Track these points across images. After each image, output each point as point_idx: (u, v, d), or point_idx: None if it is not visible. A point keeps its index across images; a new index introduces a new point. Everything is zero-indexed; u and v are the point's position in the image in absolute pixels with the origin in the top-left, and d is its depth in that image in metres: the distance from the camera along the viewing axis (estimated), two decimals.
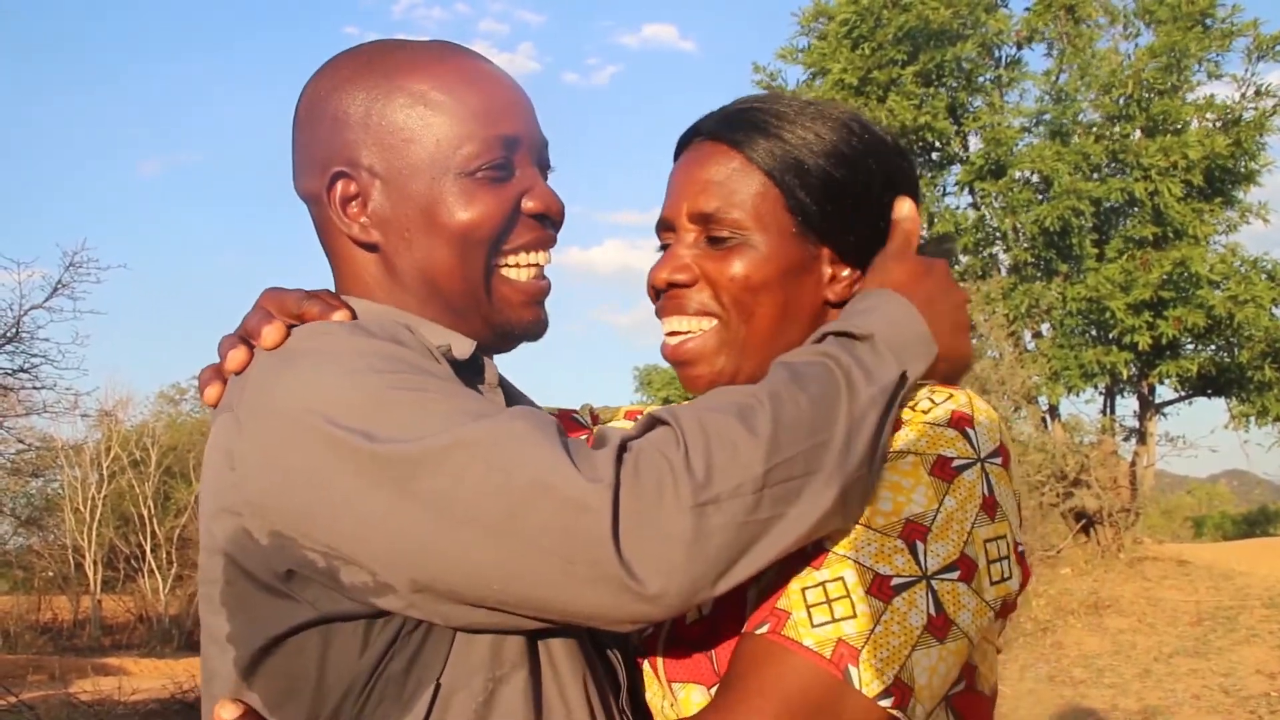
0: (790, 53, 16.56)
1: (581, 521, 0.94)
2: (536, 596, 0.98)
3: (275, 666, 1.07)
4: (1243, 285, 13.91)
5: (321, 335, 1.10)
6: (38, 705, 11.11)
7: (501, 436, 0.98)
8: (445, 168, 1.21)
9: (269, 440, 1.04)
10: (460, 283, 1.23)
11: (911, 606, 1.08)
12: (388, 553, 1.00)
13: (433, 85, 1.22)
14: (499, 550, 0.97)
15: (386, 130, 1.22)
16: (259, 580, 1.06)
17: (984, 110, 15.81)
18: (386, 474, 0.98)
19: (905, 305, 1.18)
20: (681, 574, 0.95)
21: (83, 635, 23.38)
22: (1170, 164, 13.99)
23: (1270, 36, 14.80)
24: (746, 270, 1.27)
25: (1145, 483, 15.56)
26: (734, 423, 1.00)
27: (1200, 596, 12.34)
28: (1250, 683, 9.32)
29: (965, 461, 1.14)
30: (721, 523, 0.96)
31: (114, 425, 24.96)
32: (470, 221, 1.21)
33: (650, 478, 0.96)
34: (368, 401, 1.02)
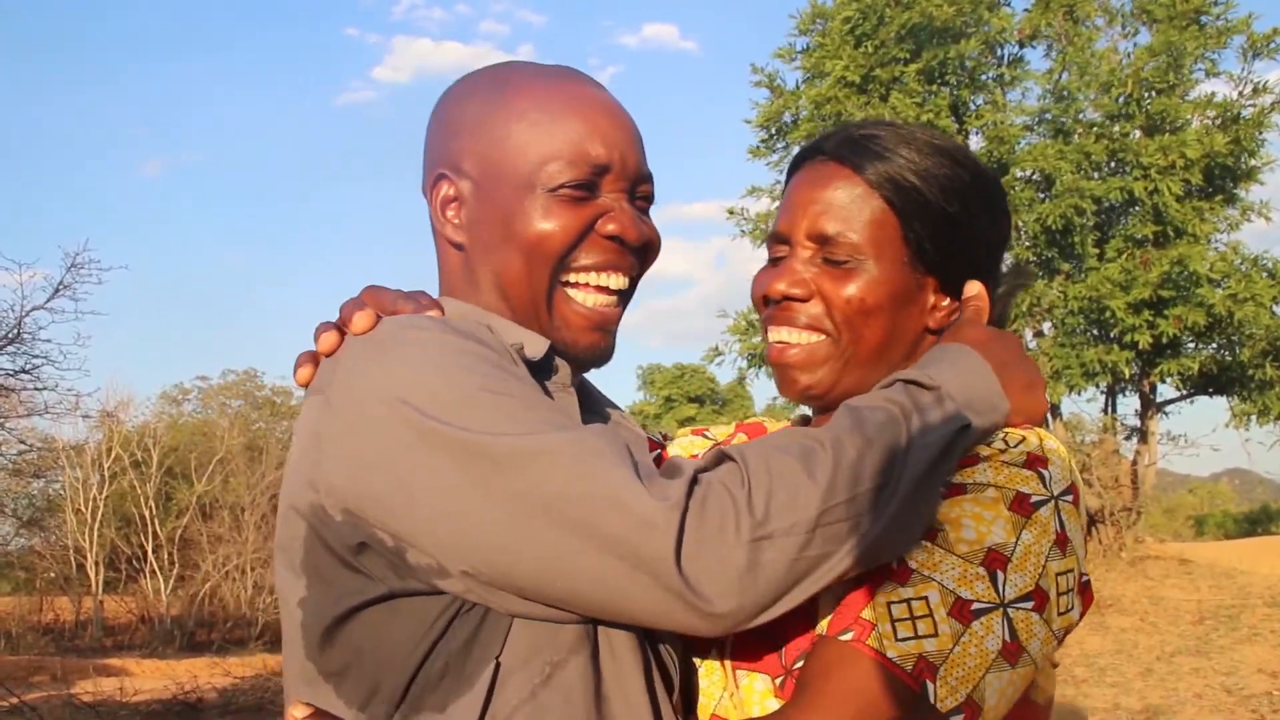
0: (788, 53, 16.55)
1: (648, 536, 1.02)
2: (594, 599, 1.07)
3: (344, 637, 1.14)
4: (1243, 283, 13.90)
5: (412, 328, 1.16)
6: (40, 706, 11.11)
7: (583, 449, 1.06)
8: (531, 182, 1.28)
9: (354, 423, 1.11)
10: (526, 292, 1.29)
11: (989, 631, 1.14)
12: (453, 543, 1.07)
13: (536, 104, 1.30)
14: (569, 552, 1.04)
15: (487, 141, 1.31)
16: (335, 553, 1.13)
17: (986, 108, 15.80)
18: (471, 463, 1.05)
19: (978, 361, 1.24)
20: (735, 597, 1.03)
21: (84, 636, 23.36)
22: (1169, 163, 13.98)
23: (1264, 34, 14.79)
24: (861, 293, 1.34)
25: (1147, 481, 15.55)
26: (796, 466, 1.07)
27: (1202, 595, 12.34)
28: (1252, 681, 9.32)
29: (1041, 499, 1.21)
30: (773, 557, 1.04)
31: (115, 426, 24.94)
32: (541, 233, 1.27)
33: (715, 509, 1.04)
34: (454, 395, 1.09)
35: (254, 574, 22.97)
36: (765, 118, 16.61)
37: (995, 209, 1.41)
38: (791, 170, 1.45)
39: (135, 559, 24.49)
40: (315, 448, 1.14)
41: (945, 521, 1.19)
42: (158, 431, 26.46)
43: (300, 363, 1.23)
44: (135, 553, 24.41)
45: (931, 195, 1.34)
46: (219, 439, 25.73)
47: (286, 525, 1.18)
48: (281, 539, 1.20)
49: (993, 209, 1.41)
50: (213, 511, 24.50)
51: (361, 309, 1.19)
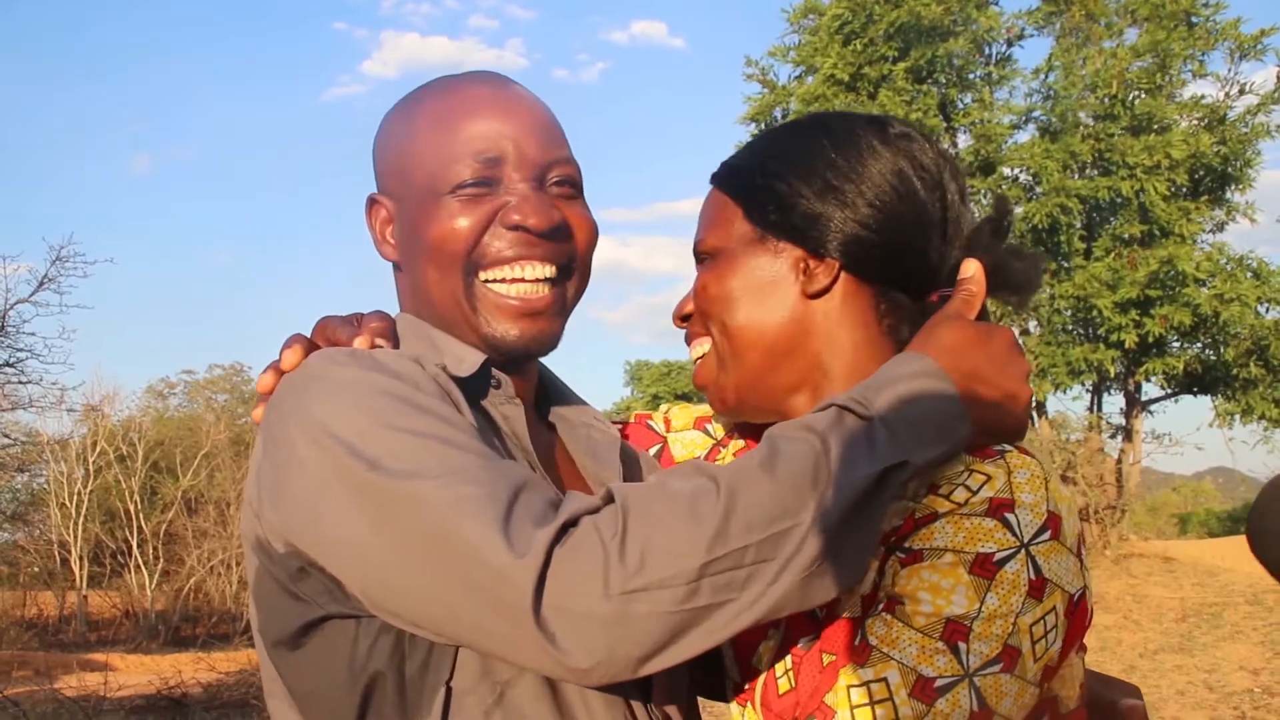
0: (781, 51, 16.57)
1: (505, 592, 0.99)
2: (481, 645, 1.06)
3: (299, 662, 1.16)
4: (1228, 283, 13.98)
5: (331, 363, 1.16)
6: (23, 701, 11.06)
7: (450, 498, 1.03)
8: (434, 189, 1.27)
9: (279, 459, 1.12)
10: (444, 297, 1.28)
11: (955, 707, 1.08)
12: (355, 574, 1.08)
13: (433, 113, 1.30)
14: (438, 600, 1.04)
15: (398, 158, 1.32)
16: (279, 581, 1.14)
17: (974, 107, 15.84)
18: (364, 499, 1.05)
19: (937, 377, 1.14)
20: (605, 653, 0.99)
21: (68, 631, 23.27)
22: (1155, 163, 14.04)
23: (1251, 36, 14.87)
24: (704, 281, 1.34)
25: (1131, 480, 15.63)
26: (682, 508, 1.02)
27: (1185, 593, 12.41)
28: (1234, 679, 9.38)
29: (1006, 554, 1.11)
30: (646, 611, 0.98)
31: (100, 420, 24.86)
32: (439, 236, 1.26)
33: (582, 560, 0.99)
34: (359, 431, 1.08)
35: (239, 569, 22.89)
36: (756, 112, 16.62)
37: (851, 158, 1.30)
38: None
39: (120, 553, 24.41)
40: (256, 484, 1.16)
41: (904, 594, 1.12)
42: (143, 426, 26.38)
43: (256, 402, 1.25)
44: (120, 547, 24.34)
45: (767, 166, 1.32)
46: (204, 433, 25.66)
47: (247, 557, 1.22)
48: (246, 569, 1.24)
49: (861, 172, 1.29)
50: (198, 506, 24.44)
51: (290, 346, 1.22)
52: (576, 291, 1.35)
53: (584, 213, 1.34)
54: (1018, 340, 1.23)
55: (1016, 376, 1.19)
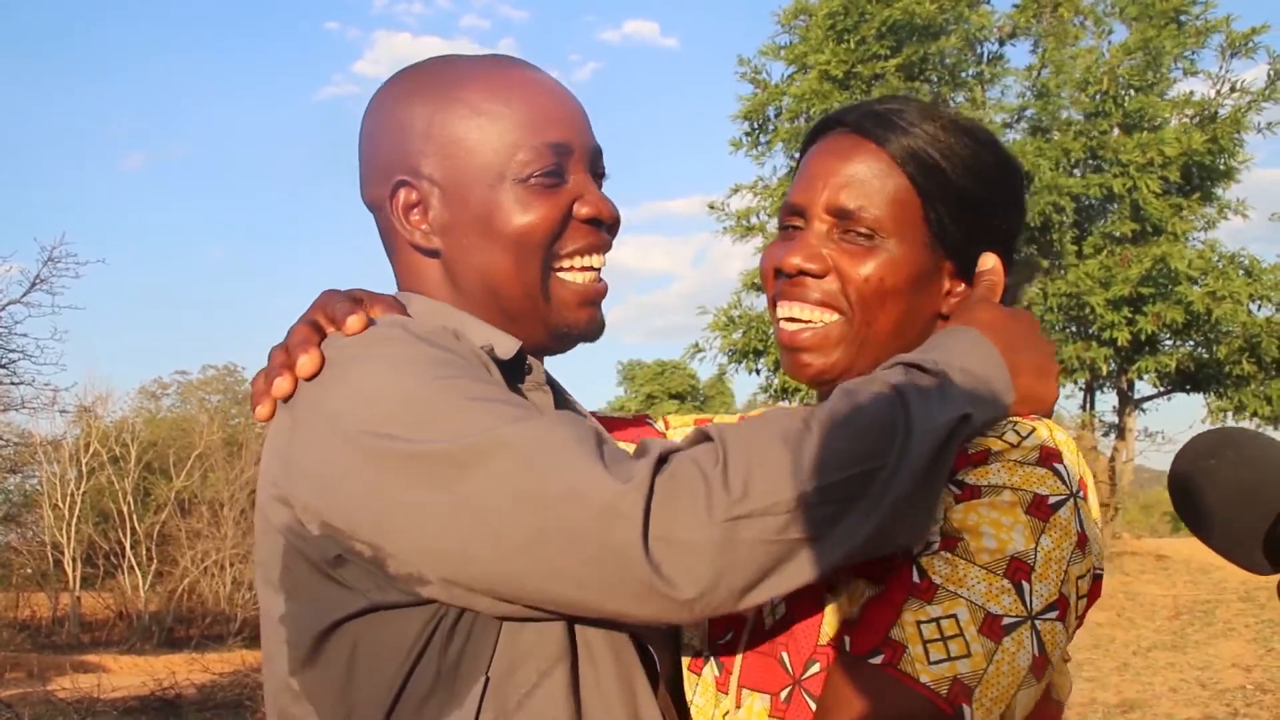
0: (773, 49, 16.57)
1: (612, 526, 0.97)
2: (569, 596, 1.02)
3: (331, 652, 1.12)
4: (1220, 281, 14.01)
5: (374, 342, 1.14)
6: (16, 703, 11.04)
7: (539, 441, 1.02)
8: (501, 175, 1.25)
9: (321, 441, 1.09)
10: (518, 287, 1.27)
11: (1020, 647, 1.10)
12: (425, 549, 1.04)
13: (487, 96, 1.27)
14: (532, 552, 1.00)
15: (445, 140, 1.27)
16: (315, 567, 1.11)
17: (966, 105, 15.85)
18: (427, 473, 1.03)
19: (986, 346, 1.19)
20: (710, 582, 0.98)
21: (62, 632, 23.20)
22: (1147, 160, 14.07)
23: (1242, 34, 14.90)
24: (881, 273, 1.28)
25: (1124, 478, 15.67)
26: (777, 444, 1.03)
27: (1178, 591, 12.44)
28: (1226, 676, 9.40)
29: (1059, 499, 1.15)
30: (750, 537, 0.99)
31: (93, 421, 24.79)
32: (526, 227, 1.25)
33: (685, 488, 0.99)
34: (413, 407, 1.06)
35: (232, 569, 22.88)
36: (748, 110, 16.63)
37: (1015, 195, 1.36)
38: (808, 142, 1.39)
39: (113, 555, 24.35)
40: (286, 465, 1.12)
41: (963, 529, 1.13)
42: (136, 426, 26.31)
43: (258, 398, 1.19)
44: (113, 548, 24.28)
45: (954, 175, 1.29)
46: (198, 434, 25.61)
47: (264, 541, 1.17)
48: (260, 555, 1.19)
49: (1013, 195, 1.36)
50: (191, 507, 24.39)
51: (307, 348, 1.15)
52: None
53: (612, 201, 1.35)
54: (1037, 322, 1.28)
55: (1045, 352, 1.25)
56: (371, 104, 1.34)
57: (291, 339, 1.18)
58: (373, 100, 1.35)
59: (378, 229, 1.35)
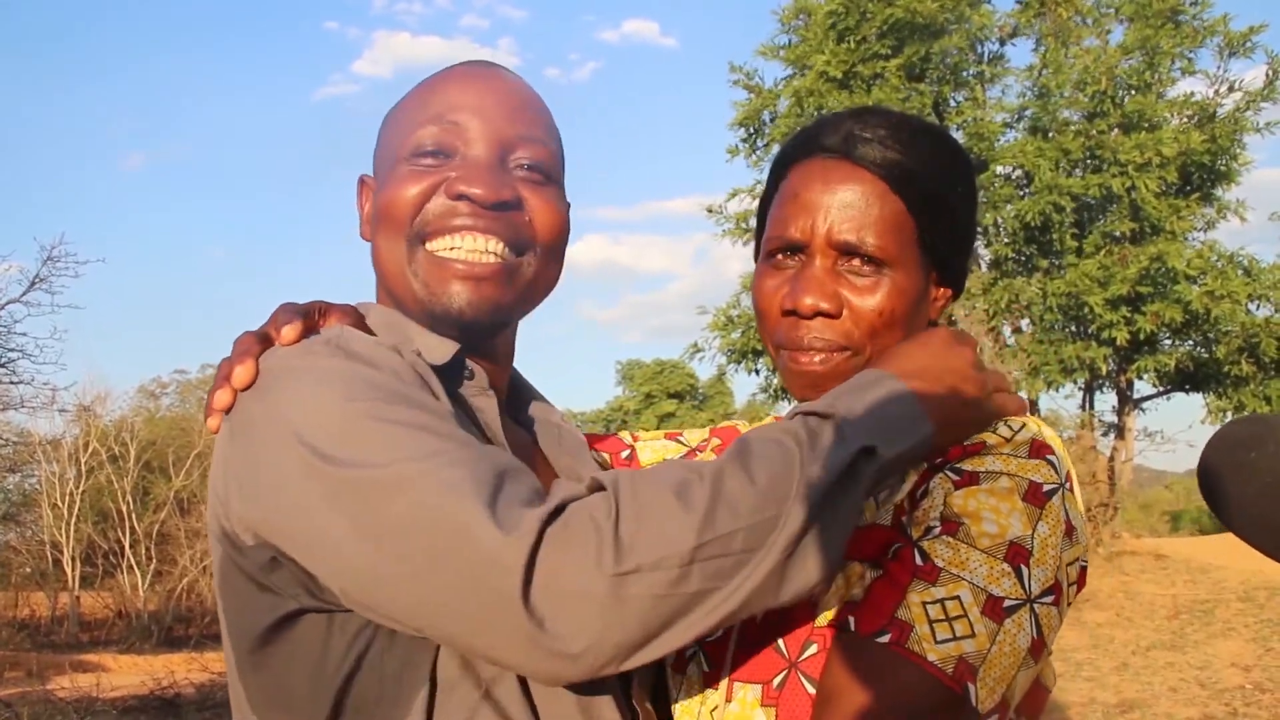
0: (771, 50, 16.56)
1: (492, 574, 0.96)
2: (461, 638, 1.02)
3: (271, 659, 1.13)
4: (1219, 281, 14.02)
5: (304, 355, 1.14)
6: (15, 702, 11.04)
7: (435, 481, 1.01)
8: (394, 158, 1.29)
9: (251, 454, 1.10)
10: (391, 267, 1.27)
11: (1020, 629, 1.13)
12: (336, 570, 1.05)
13: (416, 93, 1.32)
14: (420, 589, 1.00)
15: (380, 139, 1.35)
16: (248, 575, 1.12)
17: (967, 105, 15.87)
18: (342, 495, 1.03)
19: (891, 383, 1.16)
20: (598, 637, 0.97)
21: (61, 632, 23.22)
22: (1145, 160, 14.08)
23: (1240, 33, 14.90)
24: (891, 304, 1.28)
25: (1123, 477, 15.68)
26: (669, 497, 1.01)
27: (1177, 590, 12.44)
28: (1226, 675, 9.40)
29: (1052, 487, 1.18)
30: (639, 592, 0.97)
31: (92, 420, 24.78)
32: (386, 202, 1.26)
33: (576, 540, 0.97)
34: (334, 425, 1.06)
35: None
36: (744, 117, 16.62)
37: (974, 189, 1.39)
38: (786, 164, 1.36)
39: (112, 554, 24.36)
40: (222, 476, 1.13)
41: (964, 514, 1.16)
42: (135, 426, 26.31)
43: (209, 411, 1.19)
44: (112, 548, 24.29)
45: (938, 188, 1.30)
46: (197, 433, 25.58)
47: (213, 553, 1.19)
48: (214, 566, 1.21)
49: (975, 193, 1.39)
50: (190, 506, 24.38)
51: (242, 361, 1.15)
52: (538, 272, 1.30)
53: (548, 199, 1.29)
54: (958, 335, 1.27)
55: (957, 369, 1.22)
56: None
57: (234, 350, 1.18)
58: None
59: None
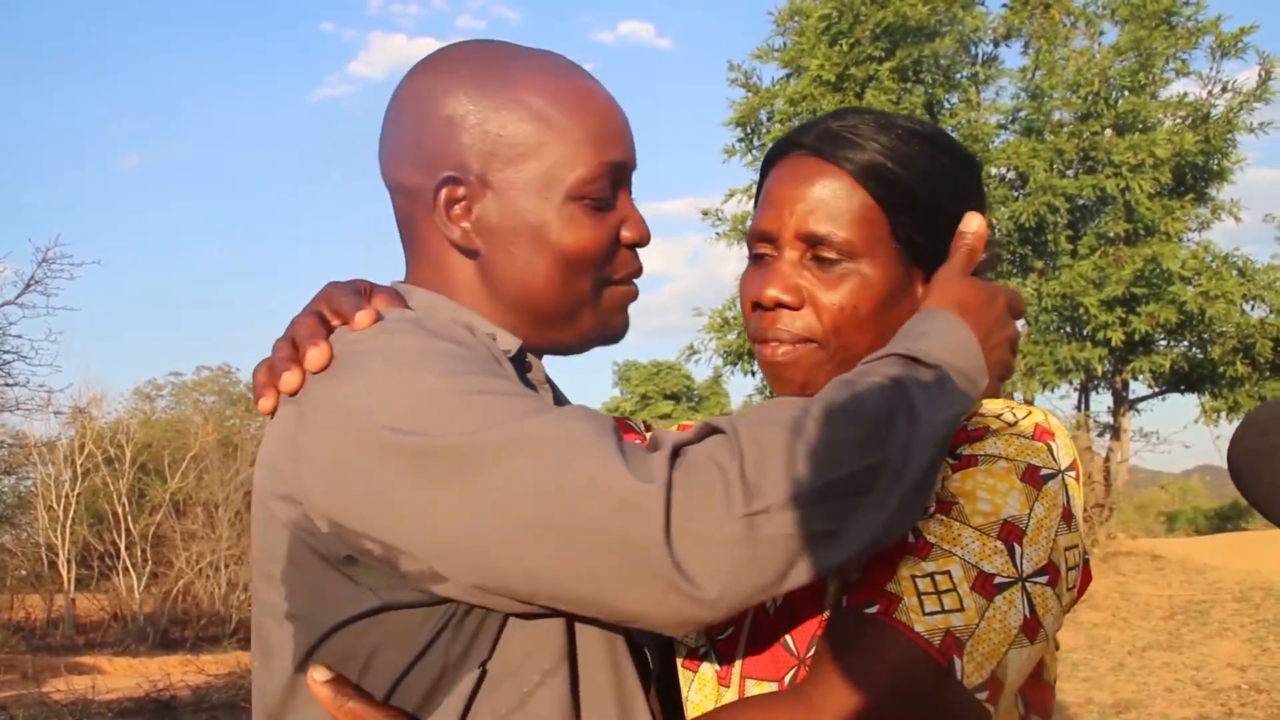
0: (766, 53, 16.57)
1: (633, 521, 0.95)
2: (586, 595, 1.00)
3: (341, 649, 1.09)
4: (1214, 281, 14.04)
5: (384, 334, 1.12)
6: (10, 705, 11.02)
7: (557, 434, 1.00)
8: (556, 188, 1.22)
9: (331, 438, 1.07)
10: (566, 301, 1.26)
11: (1011, 606, 1.12)
12: (439, 545, 1.02)
13: (550, 103, 1.23)
14: (550, 547, 0.98)
15: (502, 142, 1.22)
16: (324, 563, 1.08)
17: (960, 107, 15.88)
18: (443, 467, 1.00)
19: (969, 335, 1.18)
20: (731, 579, 0.96)
21: (56, 634, 23.15)
22: (1139, 161, 14.10)
23: (1232, 34, 14.93)
24: (855, 300, 1.28)
25: (1119, 478, 15.70)
26: (789, 436, 1.01)
27: (1173, 591, 12.46)
28: (1222, 675, 9.42)
29: (1050, 472, 1.19)
30: (771, 533, 0.97)
31: (88, 422, 24.72)
32: (578, 247, 1.23)
33: (703, 483, 0.97)
34: (427, 402, 1.04)
35: (228, 571, 22.85)
36: (740, 116, 16.63)
37: (976, 191, 1.37)
38: (768, 165, 1.39)
39: (108, 556, 24.30)
40: (293, 459, 1.09)
41: (959, 494, 1.16)
42: (131, 428, 26.26)
43: (262, 390, 1.16)
44: (108, 550, 24.22)
45: (915, 184, 1.29)
46: (193, 435, 25.55)
47: (266, 536, 1.14)
48: (260, 550, 1.15)
49: (974, 192, 1.36)
50: (186, 508, 24.34)
51: (315, 342, 1.12)
52: None
53: None
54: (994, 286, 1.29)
55: (1008, 341, 1.25)
56: (415, 83, 1.28)
57: (298, 332, 1.16)
58: (416, 79, 1.28)
59: (397, 210, 1.31)
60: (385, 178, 1.31)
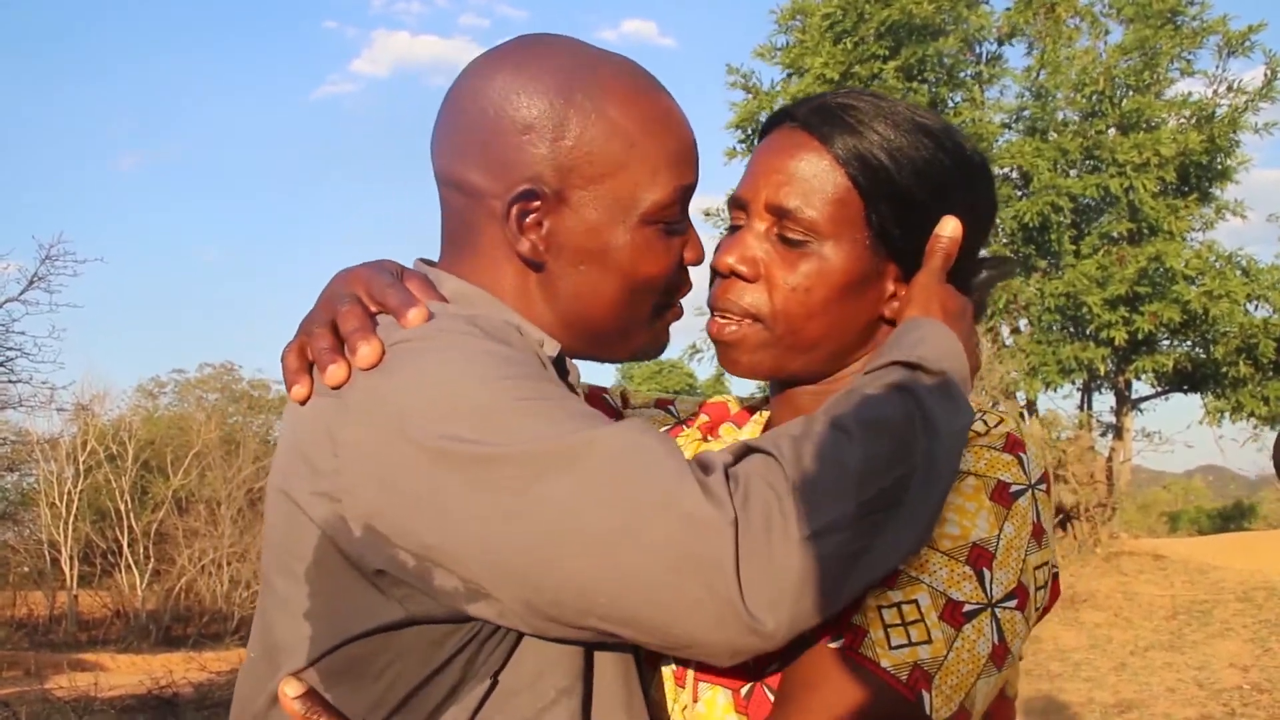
0: (768, 50, 16.56)
1: (706, 542, 0.92)
2: (645, 616, 0.96)
3: (351, 653, 1.05)
4: (1217, 281, 14.02)
5: (438, 332, 1.07)
6: (13, 701, 11.03)
7: (626, 446, 0.97)
8: (632, 210, 1.18)
9: (374, 435, 1.01)
10: (621, 319, 1.23)
11: (980, 635, 1.09)
12: (494, 560, 0.97)
13: (636, 122, 1.18)
14: (615, 562, 0.94)
15: (583, 158, 1.17)
16: (352, 568, 1.04)
17: (965, 106, 15.87)
18: (498, 476, 0.96)
19: (957, 342, 1.16)
20: (792, 607, 0.94)
21: (58, 631, 23.16)
22: (1144, 160, 14.08)
23: (1239, 33, 14.90)
24: (810, 283, 1.23)
25: (1121, 478, 15.68)
26: (829, 458, 0.99)
27: (1175, 591, 12.45)
28: (1224, 676, 9.41)
29: (1020, 488, 1.15)
30: (826, 555, 0.95)
31: (90, 419, 24.73)
32: (650, 273, 1.21)
33: (759, 508, 0.94)
34: (484, 406, 0.99)
35: (230, 568, 22.85)
36: (741, 119, 16.61)
37: (977, 197, 1.30)
38: (762, 134, 1.34)
39: (110, 553, 24.32)
40: (331, 454, 1.04)
41: None
42: (133, 425, 26.27)
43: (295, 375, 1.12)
44: (110, 547, 24.24)
45: (902, 176, 1.23)
46: (195, 432, 25.57)
47: (293, 530, 1.08)
48: (281, 542, 1.10)
49: (974, 197, 1.29)
50: (189, 505, 24.35)
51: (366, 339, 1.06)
52: None
53: None
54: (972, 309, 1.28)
55: (975, 349, 1.24)
56: (490, 77, 1.20)
57: (344, 322, 1.10)
58: (490, 72, 1.20)
59: (448, 202, 1.23)
60: (439, 169, 1.23)
